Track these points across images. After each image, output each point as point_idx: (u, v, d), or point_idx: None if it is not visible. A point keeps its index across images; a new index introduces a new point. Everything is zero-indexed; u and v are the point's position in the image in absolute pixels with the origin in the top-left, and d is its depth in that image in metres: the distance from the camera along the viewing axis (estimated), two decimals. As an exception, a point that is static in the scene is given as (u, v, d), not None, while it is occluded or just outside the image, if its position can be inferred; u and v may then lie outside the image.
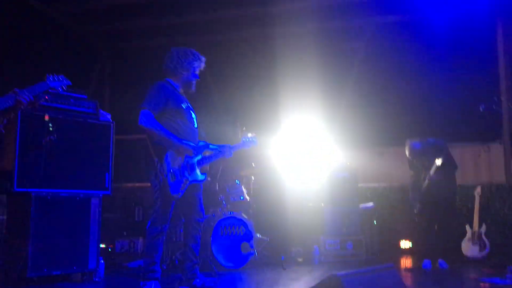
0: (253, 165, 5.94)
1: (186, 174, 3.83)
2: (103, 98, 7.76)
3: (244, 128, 5.00)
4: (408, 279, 4.61)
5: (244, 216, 5.29)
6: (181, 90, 4.04)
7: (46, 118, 4.19)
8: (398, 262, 5.74)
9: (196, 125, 4.08)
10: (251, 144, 4.50)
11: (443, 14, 6.65)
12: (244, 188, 5.60)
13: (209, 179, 5.31)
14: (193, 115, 4.07)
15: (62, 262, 4.22)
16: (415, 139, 5.38)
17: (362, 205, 6.28)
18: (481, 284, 4.30)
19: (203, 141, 4.11)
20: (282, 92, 6.88)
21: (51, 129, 4.17)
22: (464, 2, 6.43)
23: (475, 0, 6.37)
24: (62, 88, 3.37)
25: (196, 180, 3.93)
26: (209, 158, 4.11)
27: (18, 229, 4.15)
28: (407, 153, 5.41)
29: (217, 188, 5.59)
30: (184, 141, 3.80)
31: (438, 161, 5.05)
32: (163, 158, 3.73)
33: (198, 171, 3.95)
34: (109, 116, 4.78)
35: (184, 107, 3.96)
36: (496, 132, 6.76)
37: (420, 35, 6.89)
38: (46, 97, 4.23)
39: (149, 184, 4.03)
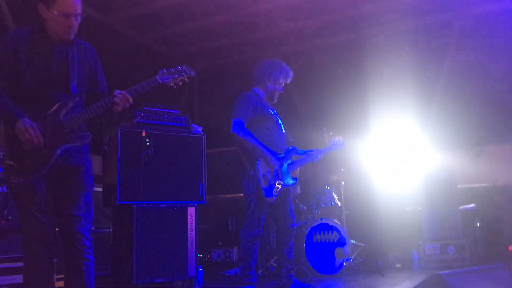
0: (343, 170, 5.84)
1: (278, 178, 3.87)
2: (193, 113, 8.10)
3: (331, 133, 4.96)
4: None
5: (337, 222, 5.21)
6: (265, 99, 4.14)
7: (143, 134, 4.46)
8: (508, 268, 5.30)
9: (283, 130, 4.15)
10: (339, 147, 4.48)
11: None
12: (335, 193, 5.53)
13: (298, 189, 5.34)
14: (280, 121, 4.14)
15: (164, 270, 4.40)
16: None
17: (462, 207, 5.92)
18: None
19: (292, 146, 4.16)
20: (371, 95, 6.73)
21: (148, 144, 4.42)
22: None
23: None
24: (185, 79, 2.78)
25: (287, 184, 3.96)
26: (299, 162, 4.16)
27: (123, 240, 4.41)
28: None
29: (308, 194, 5.58)
30: (271, 152, 3.85)
31: None
32: (255, 164, 3.82)
33: (288, 175, 3.99)
34: (200, 129, 4.97)
35: (272, 113, 4.05)
36: None
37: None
38: (142, 115, 4.54)
39: (240, 195, 4.12)
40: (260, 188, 3.78)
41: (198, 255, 4.74)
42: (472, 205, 6.04)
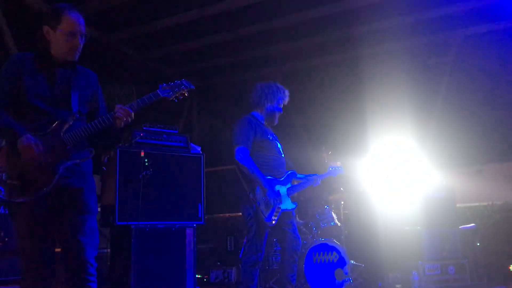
0: (342, 190, 5.83)
1: (277, 202, 3.86)
2: (192, 132, 8.11)
3: (329, 153, 4.96)
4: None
5: (336, 242, 5.17)
6: (265, 123, 4.15)
7: (142, 154, 4.44)
8: (509, 286, 5.27)
9: (283, 155, 4.15)
10: (338, 173, 4.51)
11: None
12: (334, 213, 5.51)
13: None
14: (279, 145, 4.15)
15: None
16: None
17: (462, 226, 5.89)
18: None
19: (291, 171, 4.15)
20: (369, 114, 6.76)
21: (146, 164, 4.40)
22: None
23: None
24: (185, 93, 2.84)
25: (287, 209, 3.95)
26: (298, 187, 4.17)
27: (121, 261, 4.38)
28: None
29: (307, 214, 5.56)
30: (270, 187, 3.84)
31: None
32: (255, 188, 3.81)
33: (288, 200, 3.98)
34: (199, 149, 4.97)
35: (270, 139, 4.05)
36: None
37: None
38: (141, 134, 4.54)
39: (239, 214, 4.10)
40: (260, 212, 3.77)
41: (196, 276, 4.69)
42: (472, 224, 6.01)
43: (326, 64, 7.48)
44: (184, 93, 2.81)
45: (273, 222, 3.82)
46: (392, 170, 6.34)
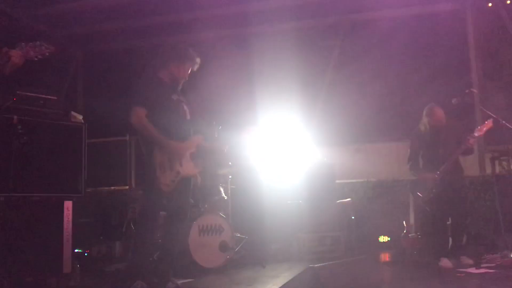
0: (230, 164, 5.90)
1: (177, 167, 3.72)
2: (76, 101, 7.64)
3: (220, 127, 4.96)
4: (386, 273, 4.62)
5: (222, 215, 5.25)
6: (170, 84, 3.93)
7: (15, 121, 4.09)
8: (377, 256, 5.75)
9: (188, 117, 3.97)
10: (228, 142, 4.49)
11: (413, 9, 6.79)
12: (221, 187, 5.57)
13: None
14: (185, 107, 3.96)
15: (36, 267, 4.12)
16: None
17: (339, 201, 6.30)
18: (458, 274, 4.36)
19: (196, 135, 4.00)
20: (258, 92, 6.88)
21: (20, 131, 4.07)
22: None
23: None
24: (46, 53, 2.86)
25: (188, 174, 3.84)
26: (203, 151, 3.99)
27: (-11, 236, 4.04)
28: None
29: (195, 188, 5.55)
30: (171, 144, 3.69)
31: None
32: (152, 152, 3.64)
33: (190, 165, 3.85)
34: (80, 117, 4.70)
35: (175, 99, 3.87)
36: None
37: (395, 33, 6.96)
38: (14, 99, 4.17)
39: (126, 187, 3.94)
40: (156, 178, 3.60)
41: (77, 250, 4.49)
42: (348, 199, 6.46)
43: (218, 38, 7.44)
44: (45, 52, 2.81)
45: (170, 187, 3.67)
46: (278, 146, 6.56)
